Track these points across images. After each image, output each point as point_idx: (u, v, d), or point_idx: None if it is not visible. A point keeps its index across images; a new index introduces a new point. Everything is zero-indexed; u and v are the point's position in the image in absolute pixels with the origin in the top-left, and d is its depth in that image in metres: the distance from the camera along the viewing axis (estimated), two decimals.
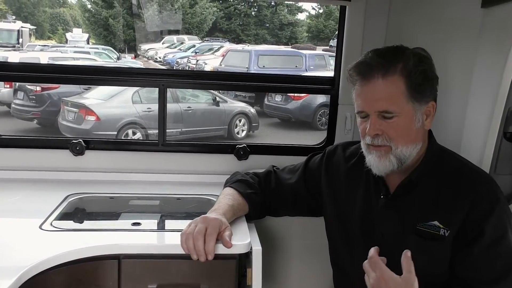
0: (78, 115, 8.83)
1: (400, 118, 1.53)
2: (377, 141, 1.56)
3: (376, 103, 1.54)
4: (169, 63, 19.16)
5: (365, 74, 1.55)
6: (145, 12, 22.77)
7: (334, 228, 1.84)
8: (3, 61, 7.17)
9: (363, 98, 1.57)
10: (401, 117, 1.53)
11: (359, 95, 1.59)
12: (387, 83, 1.52)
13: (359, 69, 1.58)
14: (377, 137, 1.56)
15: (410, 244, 1.56)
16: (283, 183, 1.97)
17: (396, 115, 1.53)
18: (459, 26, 1.98)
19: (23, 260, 1.50)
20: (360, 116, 1.62)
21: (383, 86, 1.53)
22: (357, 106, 1.61)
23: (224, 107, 10.32)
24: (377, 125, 1.55)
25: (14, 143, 2.46)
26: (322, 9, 35.02)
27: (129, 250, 1.69)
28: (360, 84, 1.58)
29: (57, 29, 35.00)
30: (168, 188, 2.34)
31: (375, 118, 1.55)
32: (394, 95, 1.53)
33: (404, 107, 1.53)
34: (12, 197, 2.13)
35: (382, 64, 1.53)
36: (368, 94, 1.55)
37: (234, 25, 33.93)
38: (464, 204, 1.53)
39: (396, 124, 1.54)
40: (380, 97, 1.53)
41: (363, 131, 1.61)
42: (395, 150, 1.56)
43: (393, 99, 1.53)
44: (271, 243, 2.46)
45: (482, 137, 1.81)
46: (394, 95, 1.53)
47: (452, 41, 2.03)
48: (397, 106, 1.53)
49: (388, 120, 1.54)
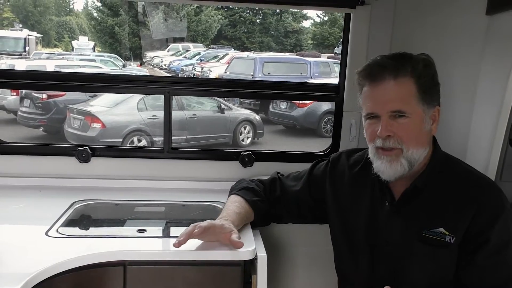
0: (84, 122, 8.86)
1: (411, 119, 1.54)
2: (388, 143, 1.56)
3: (388, 103, 1.54)
4: (174, 70, 19.22)
5: (376, 75, 1.56)
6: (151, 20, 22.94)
7: (339, 235, 1.84)
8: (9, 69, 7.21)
9: (374, 99, 1.57)
10: (412, 119, 1.54)
11: (369, 97, 1.59)
12: (399, 84, 1.54)
13: (370, 71, 1.58)
14: (389, 139, 1.55)
15: (415, 251, 1.56)
16: (287, 190, 1.97)
17: (408, 116, 1.53)
18: (464, 33, 1.98)
19: (29, 267, 1.51)
20: (370, 119, 1.61)
21: (395, 87, 1.54)
22: (367, 108, 1.60)
23: (229, 114, 10.31)
24: (389, 126, 1.54)
25: (20, 150, 2.48)
26: (327, 17, 35.12)
27: (135, 256, 1.70)
28: (370, 86, 1.58)
29: (64, 37, 35.25)
30: (173, 195, 2.34)
31: (387, 119, 1.55)
32: (406, 96, 1.54)
33: (415, 109, 1.54)
34: (18, 204, 2.14)
35: (393, 65, 1.54)
36: (380, 95, 1.56)
37: (239, 33, 34.06)
38: (470, 211, 1.52)
39: (407, 126, 1.54)
40: (392, 98, 1.54)
41: (372, 134, 1.60)
42: (406, 153, 1.55)
43: (405, 100, 1.54)
44: (276, 250, 2.46)
45: (488, 144, 1.80)
46: (405, 96, 1.54)
47: (457, 48, 2.03)
48: (409, 107, 1.54)
49: (400, 121, 1.54)
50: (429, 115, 1.58)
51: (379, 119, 1.57)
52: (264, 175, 2.13)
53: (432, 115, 1.60)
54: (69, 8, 40.65)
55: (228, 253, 1.67)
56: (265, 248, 1.73)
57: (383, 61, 1.57)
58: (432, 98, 1.58)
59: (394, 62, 1.56)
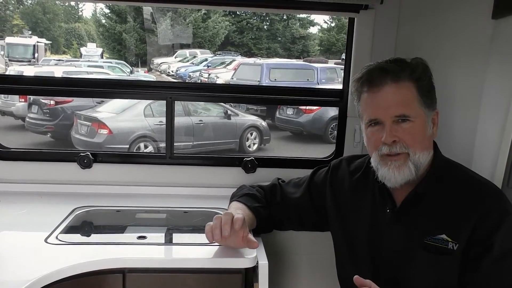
0: (91, 128, 8.89)
1: (415, 123, 1.52)
2: (395, 148, 1.53)
3: (391, 108, 1.52)
4: (181, 77, 19.29)
5: (377, 81, 1.53)
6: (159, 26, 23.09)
7: (340, 242, 1.81)
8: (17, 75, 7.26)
9: (376, 105, 1.55)
10: (416, 122, 1.52)
11: (370, 104, 1.57)
12: (400, 88, 1.52)
13: (369, 77, 1.56)
14: (395, 144, 1.53)
15: (417, 258, 1.53)
16: (288, 197, 1.95)
17: (412, 120, 1.51)
18: (470, 37, 1.96)
19: (27, 274, 1.50)
20: (372, 126, 1.58)
21: (397, 91, 1.52)
22: (369, 115, 1.58)
23: (236, 120, 10.31)
24: (393, 131, 1.52)
25: (22, 156, 2.47)
26: (334, 23, 35.18)
27: (134, 264, 1.68)
28: (371, 92, 1.56)
29: (72, 44, 35.54)
30: (175, 201, 2.33)
31: (391, 124, 1.52)
32: (409, 100, 1.52)
33: (418, 112, 1.53)
34: (19, 210, 2.13)
35: (393, 69, 1.53)
36: (382, 101, 1.53)
37: (246, 39, 34.14)
38: (472, 217, 1.49)
39: (412, 130, 1.52)
40: (395, 102, 1.51)
41: (376, 142, 1.57)
42: (414, 157, 1.53)
43: (408, 104, 1.52)
44: (278, 258, 2.43)
45: (494, 150, 1.77)
46: (408, 100, 1.52)
47: (462, 52, 2.01)
48: (412, 111, 1.52)
49: (404, 125, 1.52)
50: (430, 119, 1.57)
51: (382, 126, 1.54)
52: (267, 181, 2.11)
53: (432, 119, 1.58)
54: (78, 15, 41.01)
55: (229, 260, 1.66)
56: (266, 255, 1.71)
57: (382, 66, 1.55)
58: (432, 101, 1.57)
59: (394, 66, 1.54)
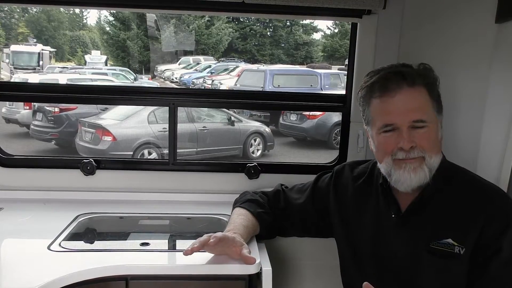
0: (95, 135, 8.90)
1: (430, 127, 1.51)
2: (412, 154, 1.51)
3: (409, 113, 1.50)
4: (185, 83, 19.32)
5: (393, 86, 1.51)
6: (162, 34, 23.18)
7: (344, 248, 1.80)
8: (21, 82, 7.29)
9: (392, 110, 1.52)
10: (430, 127, 1.51)
11: (385, 109, 1.53)
12: (417, 92, 1.51)
13: (385, 81, 1.53)
14: (413, 150, 1.51)
15: (424, 263, 1.52)
16: (291, 203, 1.94)
17: (428, 124, 1.50)
18: (473, 42, 1.95)
19: (30, 281, 1.49)
20: (385, 132, 1.55)
21: (414, 96, 1.50)
22: (384, 120, 1.54)
23: (239, 126, 10.31)
24: (411, 137, 1.50)
25: (25, 163, 2.48)
26: (337, 29, 35.17)
27: (137, 271, 1.67)
28: (385, 97, 1.53)
29: (77, 51, 35.68)
30: (178, 207, 2.32)
31: (408, 130, 1.50)
32: (424, 104, 1.51)
33: (432, 117, 1.52)
34: (22, 217, 2.13)
35: (409, 74, 1.51)
36: (400, 105, 1.51)
37: (249, 46, 34.19)
38: (478, 220, 1.47)
39: (428, 134, 1.51)
40: (413, 107, 1.50)
41: (390, 147, 1.54)
42: (429, 160, 1.52)
43: (424, 108, 1.51)
44: (281, 264, 2.41)
45: (499, 154, 1.76)
46: (424, 104, 1.51)
47: (465, 57, 2.00)
48: (428, 115, 1.51)
49: (419, 131, 1.50)
50: (440, 123, 1.57)
51: (397, 132, 1.52)
52: (270, 187, 2.10)
53: (441, 123, 1.58)
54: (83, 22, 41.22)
55: (233, 267, 1.64)
56: (270, 261, 1.70)
57: (398, 70, 1.54)
58: (440, 105, 1.57)
59: (410, 70, 1.53)
